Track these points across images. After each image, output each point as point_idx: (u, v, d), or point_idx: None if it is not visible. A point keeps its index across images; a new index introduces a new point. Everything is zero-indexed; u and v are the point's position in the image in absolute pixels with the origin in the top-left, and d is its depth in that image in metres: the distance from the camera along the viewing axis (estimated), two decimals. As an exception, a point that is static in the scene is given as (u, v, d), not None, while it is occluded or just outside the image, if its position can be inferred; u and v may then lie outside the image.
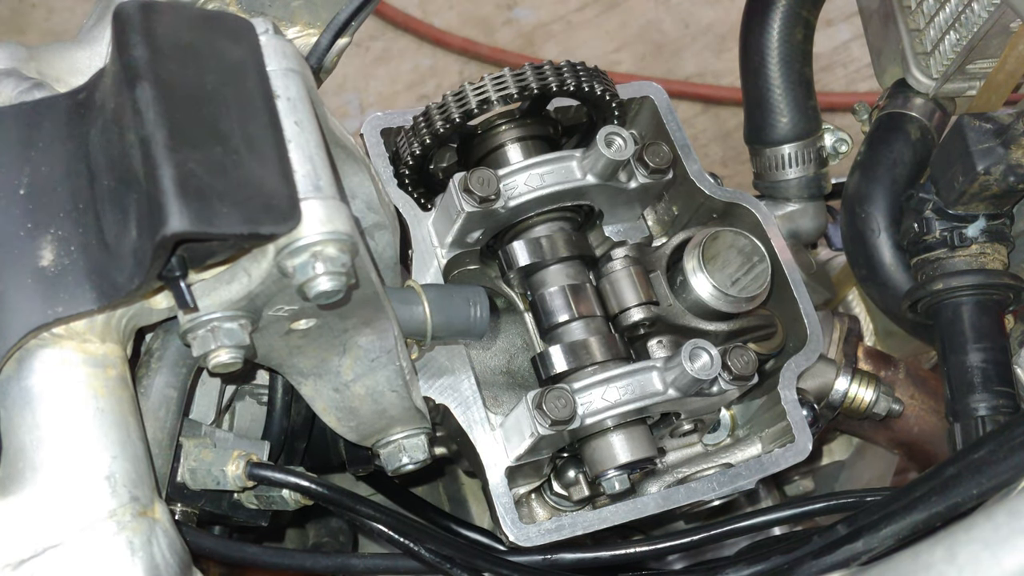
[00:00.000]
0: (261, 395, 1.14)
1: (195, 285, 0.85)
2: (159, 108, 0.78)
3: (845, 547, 0.90)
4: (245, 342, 0.86)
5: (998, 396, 1.17)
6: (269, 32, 0.88)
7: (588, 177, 1.11)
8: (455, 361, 1.09)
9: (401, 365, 0.99)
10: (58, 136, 0.87)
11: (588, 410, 1.03)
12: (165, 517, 0.86)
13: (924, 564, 0.74)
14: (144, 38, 0.81)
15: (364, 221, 1.02)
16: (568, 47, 3.40)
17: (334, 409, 1.03)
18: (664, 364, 1.05)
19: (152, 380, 0.95)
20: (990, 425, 1.16)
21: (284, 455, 1.14)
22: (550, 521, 1.07)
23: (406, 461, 1.07)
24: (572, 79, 1.11)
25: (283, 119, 0.84)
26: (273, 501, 1.04)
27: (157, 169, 0.76)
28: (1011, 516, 0.72)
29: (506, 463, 1.07)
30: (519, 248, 1.13)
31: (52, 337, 0.84)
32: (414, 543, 1.03)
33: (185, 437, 1.01)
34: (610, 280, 1.16)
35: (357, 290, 0.88)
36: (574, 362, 1.10)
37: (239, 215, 0.77)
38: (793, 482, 1.53)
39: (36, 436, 0.83)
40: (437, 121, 1.11)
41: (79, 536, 0.81)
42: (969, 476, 0.83)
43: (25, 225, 0.84)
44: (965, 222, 1.21)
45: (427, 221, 1.13)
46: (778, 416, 1.17)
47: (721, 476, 1.13)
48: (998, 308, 1.22)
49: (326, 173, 0.84)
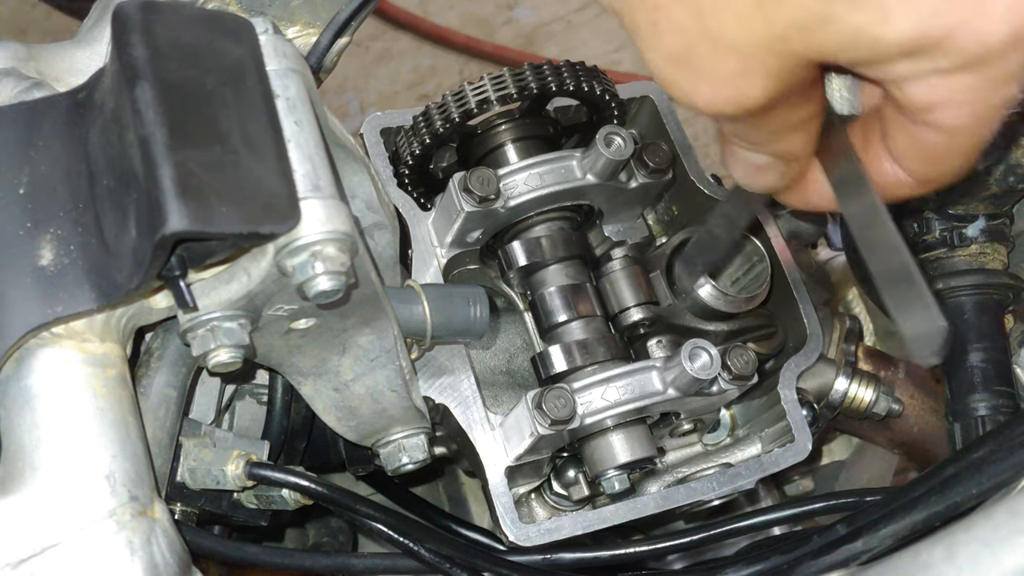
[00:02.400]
0: (261, 395, 1.14)
1: (194, 285, 0.85)
2: (159, 108, 0.78)
3: (844, 547, 0.90)
4: (245, 342, 0.86)
5: (998, 396, 1.17)
6: (269, 32, 0.88)
7: (588, 177, 1.11)
8: (455, 361, 1.09)
9: (401, 365, 0.99)
10: (57, 135, 0.87)
11: (588, 410, 1.03)
12: (165, 517, 0.86)
13: (923, 564, 0.74)
14: (144, 38, 0.81)
15: (364, 221, 1.02)
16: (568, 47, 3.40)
17: (334, 409, 1.03)
18: (664, 364, 1.05)
19: (152, 380, 0.95)
20: (990, 425, 1.16)
21: (284, 455, 1.14)
22: (550, 521, 1.07)
23: (406, 461, 1.07)
24: (572, 79, 1.11)
25: (283, 119, 0.84)
26: (273, 501, 1.04)
27: (156, 168, 0.76)
28: (1011, 515, 0.72)
29: (506, 463, 1.07)
30: (519, 248, 1.13)
31: (51, 336, 0.84)
32: (414, 543, 1.03)
33: (185, 437, 1.01)
34: (610, 280, 1.16)
35: (357, 290, 0.88)
36: (574, 362, 1.10)
37: (239, 214, 0.77)
38: (793, 482, 1.53)
39: (35, 435, 0.83)
40: (437, 121, 1.11)
41: (78, 535, 0.81)
42: (969, 476, 0.83)
43: (24, 224, 0.84)
44: (965, 222, 1.21)
45: (427, 221, 1.13)
46: (778, 416, 1.17)
47: (721, 476, 1.13)
48: (998, 308, 1.22)
49: (326, 173, 0.84)
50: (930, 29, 0.61)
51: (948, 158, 0.71)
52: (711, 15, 0.64)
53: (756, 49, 0.65)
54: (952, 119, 0.68)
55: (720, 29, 0.64)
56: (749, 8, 0.63)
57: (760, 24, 0.63)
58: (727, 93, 0.68)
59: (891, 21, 0.61)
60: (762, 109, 0.69)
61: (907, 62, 0.64)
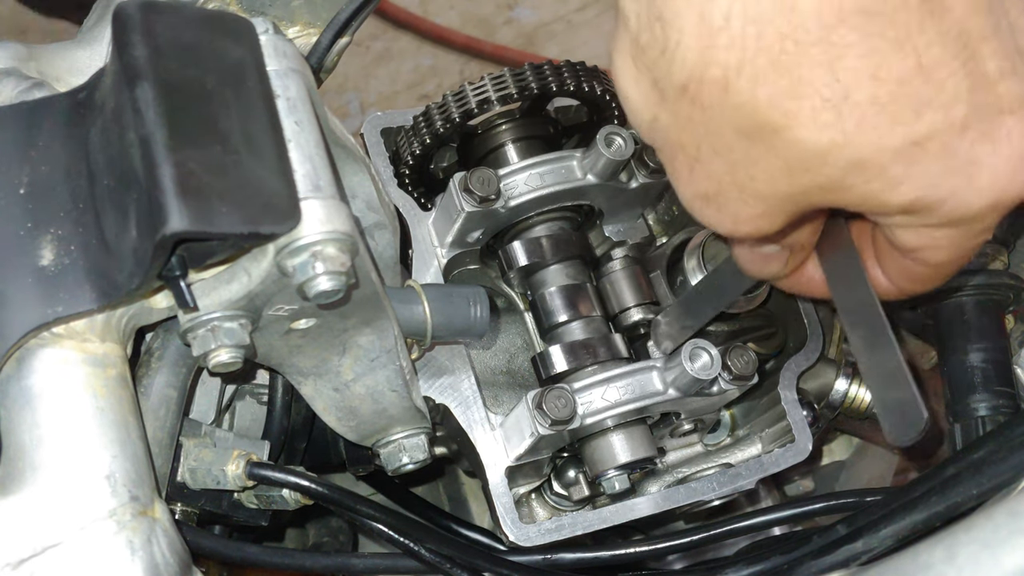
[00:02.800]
0: (261, 395, 1.14)
1: (195, 285, 0.85)
2: (159, 107, 0.78)
3: (845, 547, 0.89)
4: (245, 342, 0.86)
5: (998, 396, 1.17)
6: (269, 32, 0.88)
7: (588, 177, 1.11)
8: (455, 361, 1.09)
9: (401, 365, 0.99)
10: (58, 135, 0.87)
11: (588, 410, 1.03)
12: (165, 517, 0.86)
13: (923, 564, 0.74)
14: (144, 37, 0.81)
15: (364, 221, 1.02)
16: (568, 47, 3.40)
17: (334, 409, 1.03)
18: (664, 364, 1.05)
19: (152, 380, 0.95)
20: (990, 425, 1.16)
21: (284, 455, 1.14)
22: (550, 521, 1.07)
23: (406, 461, 1.07)
24: (572, 79, 1.11)
25: (283, 119, 0.84)
26: (273, 501, 1.04)
27: (157, 168, 0.76)
28: (1011, 516, 0.72)
29: (506, 463, 1.07)
30: (519, 248, 1.13)
31: (52, 336, 0.84)
32: (414, 543, 1.03)
33: (185, 437, 1.01)
34: (610, 280, 1.16)
35: (357, 290, 0.88)
36: (574, 362, 1.10)
37: (239, 214, 0.77)
38: (793, 482, 1.53)
39: (36, 435, 0.83)
40: (437, 121, 1.11)
41: (79, 535, 0.81)
42: (969, 476, 0.83)
43: (25, 224, 0.84)
44: (965, 222, 1.21)
45: (427, 221, 1.13)
46: (778, 416, 1.17)
47: (721, 476, 1.13)
48: (998, 308, 1.22)
49: (326, 173, 0.84)
50: (927, 197, 0.72)
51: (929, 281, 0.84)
52: (743, 171, 0.74)
53: (779, 200, 0.76)
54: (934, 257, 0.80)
55: (749, 183, 0.75)
56: (779, 172, 0.73)
57: (785, 184, 0.74)
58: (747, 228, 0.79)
59: (897, 189, 0.72)
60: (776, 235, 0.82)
61: (902, 217, 0.76)
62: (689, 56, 0.71)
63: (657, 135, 0.78)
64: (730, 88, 0.70)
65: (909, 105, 0.69)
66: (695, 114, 0.74)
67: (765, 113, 0.70)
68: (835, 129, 0.69)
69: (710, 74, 0.71)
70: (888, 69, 0.68)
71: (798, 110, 0.69)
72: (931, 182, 0.72)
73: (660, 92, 0.75)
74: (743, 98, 0.70)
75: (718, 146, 0.74)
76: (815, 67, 0.68)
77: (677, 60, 0.72)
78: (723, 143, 0.74)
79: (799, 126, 0.70)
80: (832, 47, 0.68)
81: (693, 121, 0.74)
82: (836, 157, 0.71)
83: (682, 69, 0.72)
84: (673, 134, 0.76)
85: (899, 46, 0.68)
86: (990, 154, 0.71)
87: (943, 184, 0.72)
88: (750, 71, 0.69)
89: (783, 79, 0.69)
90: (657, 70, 0.74)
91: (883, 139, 0.70)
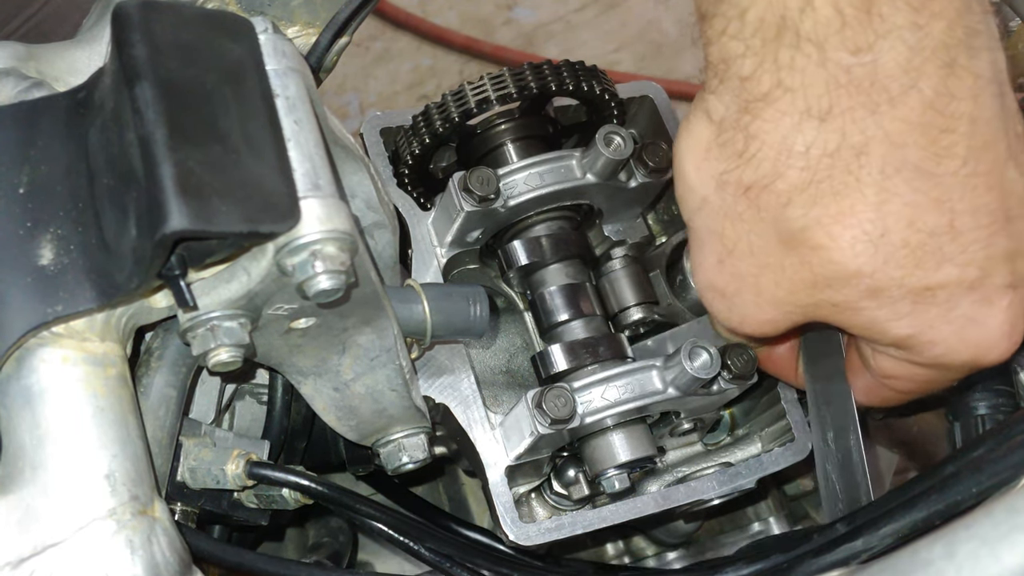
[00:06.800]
0: (261, 394, 1.14)
1: (194, 284, 0.85)
2: (158, 107, 0.78)
3: (844, 545, 0.89)
4: (245, 341, 0.86)
5: (997, 395, 1.17)
6: (269, 31, 0.88)
7: (588, 176, 1.11)
8: (455, 360, 1.10)
9: (401, 364, 0.99)
10: (57, 135, 0.87)
11: (588, 409, 1.03)
12: (165, 516, 0.86)
13: (923, 561, 0.74)
14: (143, 37, 0.81)
15: (364, 220, 1.02)
16: (568, 47, 3.40)
17: (334, 408, 1.03)
18: (664, 363, 1.05)
19: (152, 379, 0.96)
20: (989, 423, 1.16)
21: (284, 454, 1.14)
22: (550, 520, 1.07)
23: (406, 460, 1.07)
24: (572, 79, 1.12)
25: (282, 118, 0.84)
26: (273, 500, 1.04)
27: (156, 167, 0.76)
28: (1010, 513, 0.72)
29: (506, 462, 1.07)
30: (518, 247, 1.13)
31: (52, 336, 0.84)
32: (414, 542, 1.03)
33: (185, 436, 1.01)
34: (610, 279, 1.16)
35: (357, 289, 0.88)
36: (574, 361, 1.10)
37: (239, 213, 0.77)
38: (793, 481, 1.53)
39: (36, 435, 0.83)
40: (436, 121, 1.11)
41: (79, 534, 0.81)
42: (968, 474, 0.83)
43: (24, 224, 0.84)
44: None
45: (427, 220, 1.14)
46: (778, 415, 1.17)
47: (721, 475, 1.13)
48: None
49: (325, 172, 0.84)
50: (921, 336, 0.81)
51: (885, 401, 0.94)
52: (770, 275, 0.82)
53: (792, 308, 0.83)
54: (903, 387, 0.90)
55: (771, 288, 0.82)
56: (803, 283, 0.81)
57: (805, 295, 0.82)
58: (750, 330, 0.87)
59: (899, 321, 0.81)
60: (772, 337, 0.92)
61: (894, 348, 0.85)
62: (763, 166, 0.79)
63: (700, 217, 0.85)
64: (791, 202, 0.78)
65: (933, 256, 0.78)
66: (748, 212, 0.81)
67: (812, 230, 0.78)
68: (866, 258, 0.78)
69: (777, 186, 0.79)
70: (924, 221, 0.77)
71: (841, 235, 0.78)
72: (930, 324, 0.80)
73: (721, 183, 0.82)
74: (797, 212, 0.78)
75: (756, 246, 0.81)
76: (866, 205, 0.77)
77: (752, 165, 0.79)
78: (762, 245, 0.81)
79: (838, 249, 0.78)
80: (884, 192, 0.77)
81: (743, 218, 0.81)
82: (859, 282, 0.79)
83: (753, 174, 0.79)
84: (717, 222, 0.83)
85: (938, 205, 0.77)
86: (987, 316, 0.80)
87: (939, 329, 0.80)
88: (812, 193, 0.78)
89: (836, 206, 0.77)
90: (728, 164, 0.81)
91: (903, 278, 0.78)
